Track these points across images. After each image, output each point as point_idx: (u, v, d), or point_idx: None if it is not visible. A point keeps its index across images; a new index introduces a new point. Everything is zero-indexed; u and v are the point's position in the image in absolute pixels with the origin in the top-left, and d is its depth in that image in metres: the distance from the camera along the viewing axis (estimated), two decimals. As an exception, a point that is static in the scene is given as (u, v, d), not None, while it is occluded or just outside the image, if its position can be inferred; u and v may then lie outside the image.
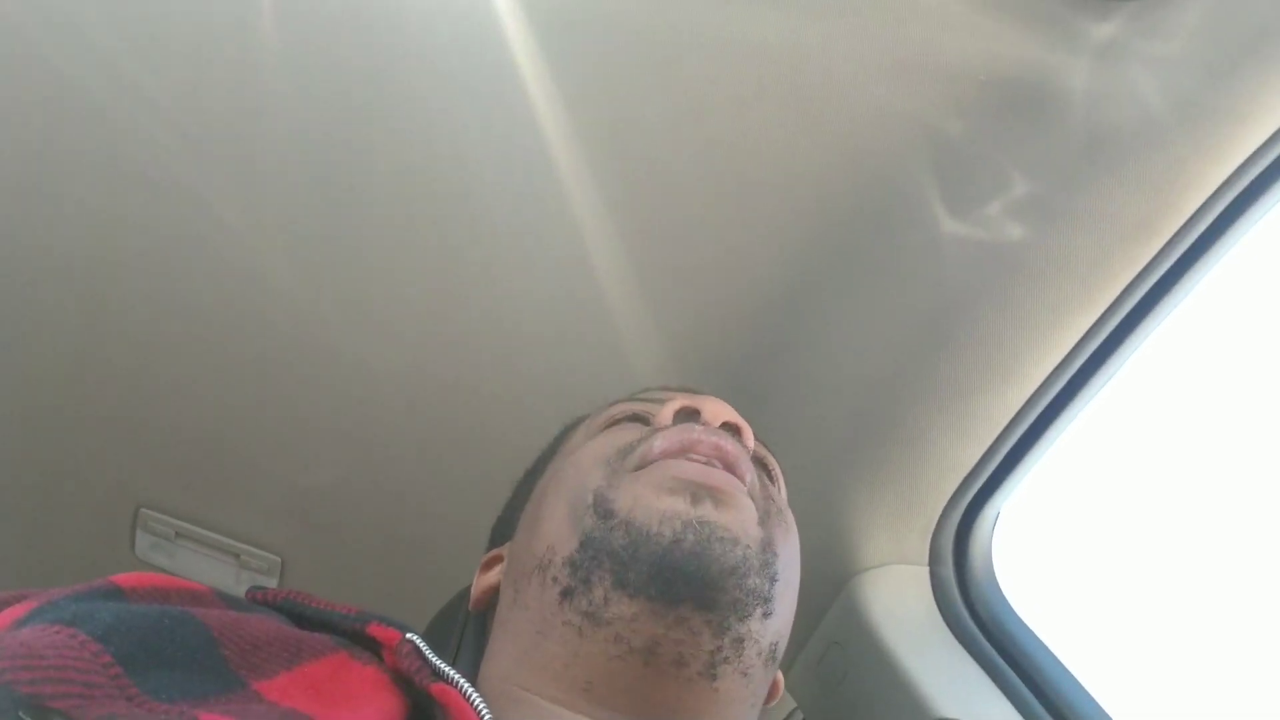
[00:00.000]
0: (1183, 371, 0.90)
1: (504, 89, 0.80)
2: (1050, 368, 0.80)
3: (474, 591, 0.68)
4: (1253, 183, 0.68)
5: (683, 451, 0.58)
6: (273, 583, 1.32)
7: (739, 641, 0.53)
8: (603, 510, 0.55)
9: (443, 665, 0.50)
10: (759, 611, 0.54)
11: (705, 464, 0.57)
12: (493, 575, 0.67)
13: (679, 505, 0.54)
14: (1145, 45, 0.66)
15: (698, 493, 0.55)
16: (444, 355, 1.06)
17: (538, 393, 0.81)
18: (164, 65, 0.86)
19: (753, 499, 0.58)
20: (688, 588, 0.51)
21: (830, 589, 0.95)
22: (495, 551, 0.70)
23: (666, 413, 0.64)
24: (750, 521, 0.56)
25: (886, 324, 0.87)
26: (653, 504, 0.54)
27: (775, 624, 0.56)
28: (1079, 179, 0.72)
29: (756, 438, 0.67)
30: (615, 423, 0.68)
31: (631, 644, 0.52)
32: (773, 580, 0.55)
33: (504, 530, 0.73)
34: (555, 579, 0.55)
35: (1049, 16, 0.68)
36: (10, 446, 1.27)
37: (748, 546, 0.54)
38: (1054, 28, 0.68)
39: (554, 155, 0.85)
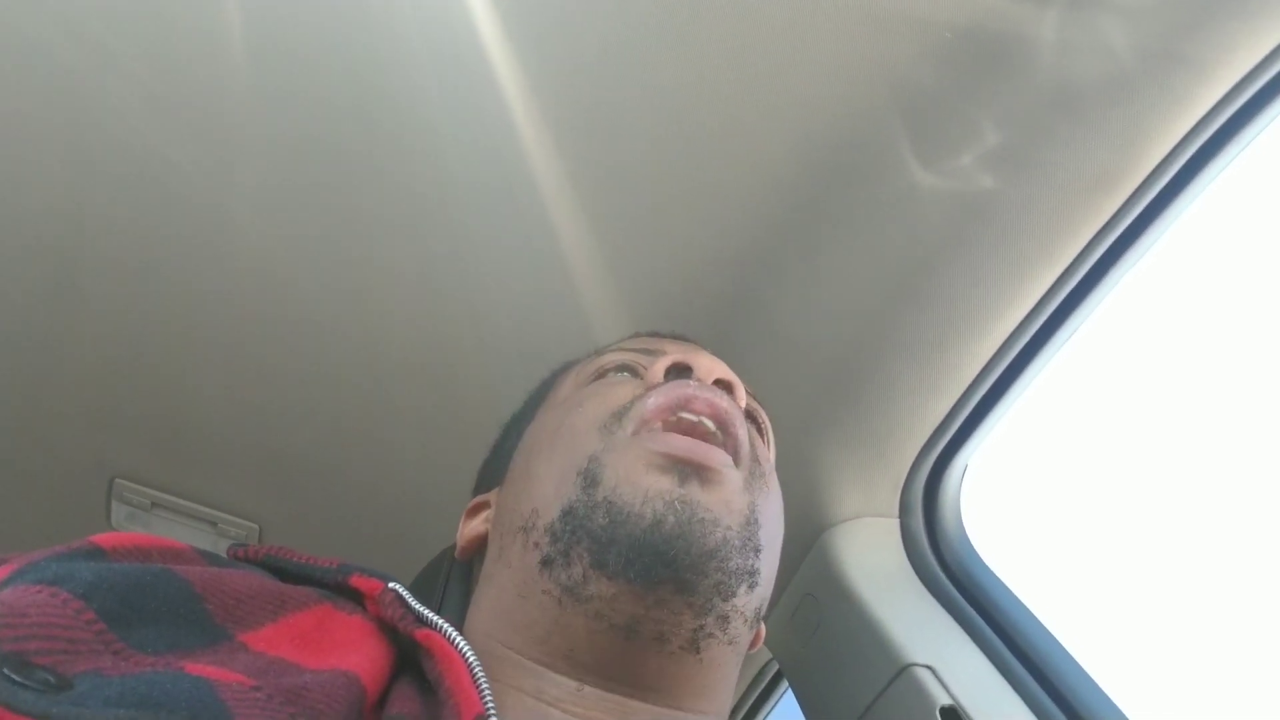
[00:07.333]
0: (1145, 324, 0.91)
1: (460, 48, 0.79)
2: (1015, 322, 0.81)
3: (460, 538, 0.67)
4: (1214, 135, 0.69)
5: (677, 409, 0.57)
6: (251, 550, 1.32)
7: (724, 618, 0.53)
8: (591, 478, 0.55)
9: (426, 612, 0.50)
10: (744, 587, 0.54)
11: (696, 423, 0.57)
12: (479, 524, 0.66)
13: (665, 484, 0.54)
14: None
15: (685, 471, 0.54)
16: (415, 319, 1.06)
17: (510, 353, 0.81)
18: (131, 26, 0.84)
19: (740, 462, 0.58)
20: (666, 570, 0.51)
21: (804, 542, 0.97)
22: (482, 497, 0.69)
23: (658, 369, 0.62)
24: (735, 493, 0.56)
25: (854, 280, 0.88)
26: (640, 481, 0.54)
27: (760, 590, 0.56)
28: (1045, 129, 0.73)
29: (748, 391, 0.67)
30: (604, 374, 0.67)
31: (612, 621, 0.52)
32: (756, 552, 0.55)
33: (490, 475, 0.72)
34: (536, 544, 0.55)
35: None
36: (-20, 419, 1.26)
37: (729, 528, 0.54)
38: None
39: (517, 120, 0.85)
